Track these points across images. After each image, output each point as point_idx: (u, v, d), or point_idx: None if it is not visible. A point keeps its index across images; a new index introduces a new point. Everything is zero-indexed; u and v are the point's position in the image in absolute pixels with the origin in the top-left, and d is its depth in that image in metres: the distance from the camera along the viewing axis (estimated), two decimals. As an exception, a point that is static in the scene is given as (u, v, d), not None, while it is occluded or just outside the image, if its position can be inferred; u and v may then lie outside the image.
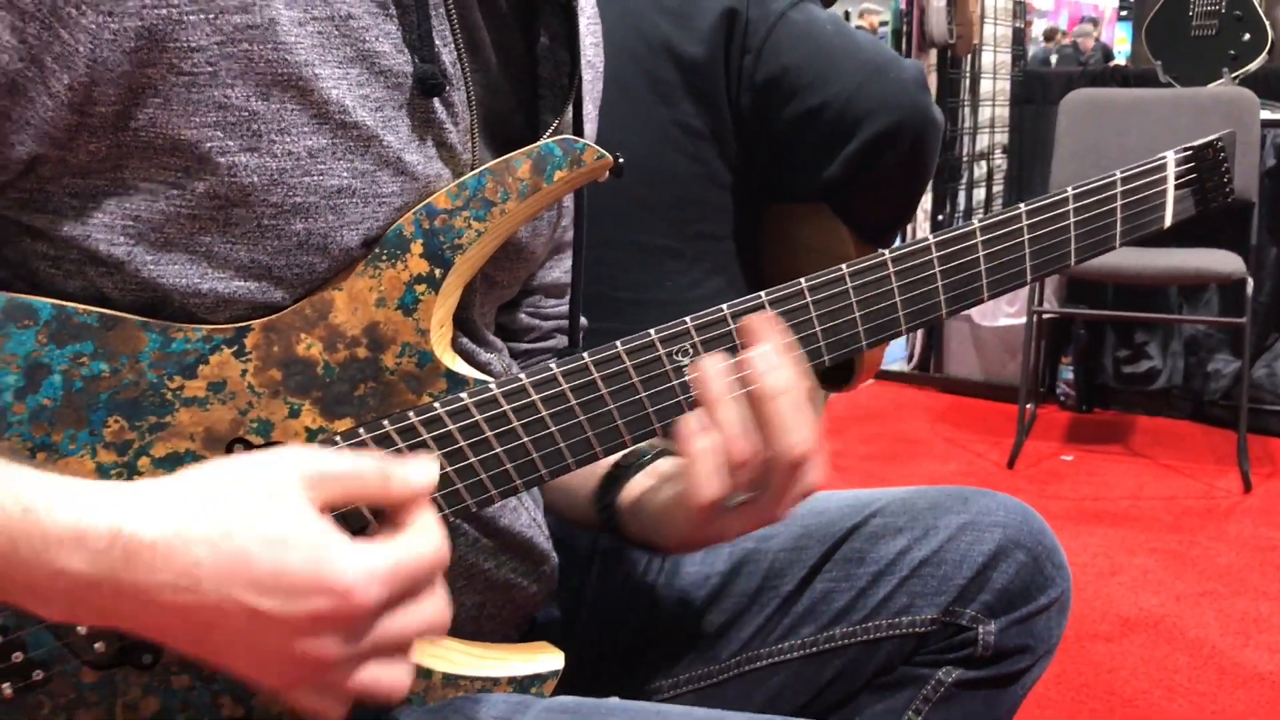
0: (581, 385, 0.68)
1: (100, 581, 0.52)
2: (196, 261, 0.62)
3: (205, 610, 0.52)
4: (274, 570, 0.52)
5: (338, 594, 0.53)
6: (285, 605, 0.52)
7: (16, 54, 0.56)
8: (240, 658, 0.55)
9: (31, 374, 0.61)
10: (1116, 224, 0.78)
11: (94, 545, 0.52)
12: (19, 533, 0.53)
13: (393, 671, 0.57)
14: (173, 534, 0.53)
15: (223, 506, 0.54)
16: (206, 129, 0.59)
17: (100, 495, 0.54)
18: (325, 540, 0.54)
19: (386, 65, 0.65)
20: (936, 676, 0.92)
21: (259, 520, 0.53)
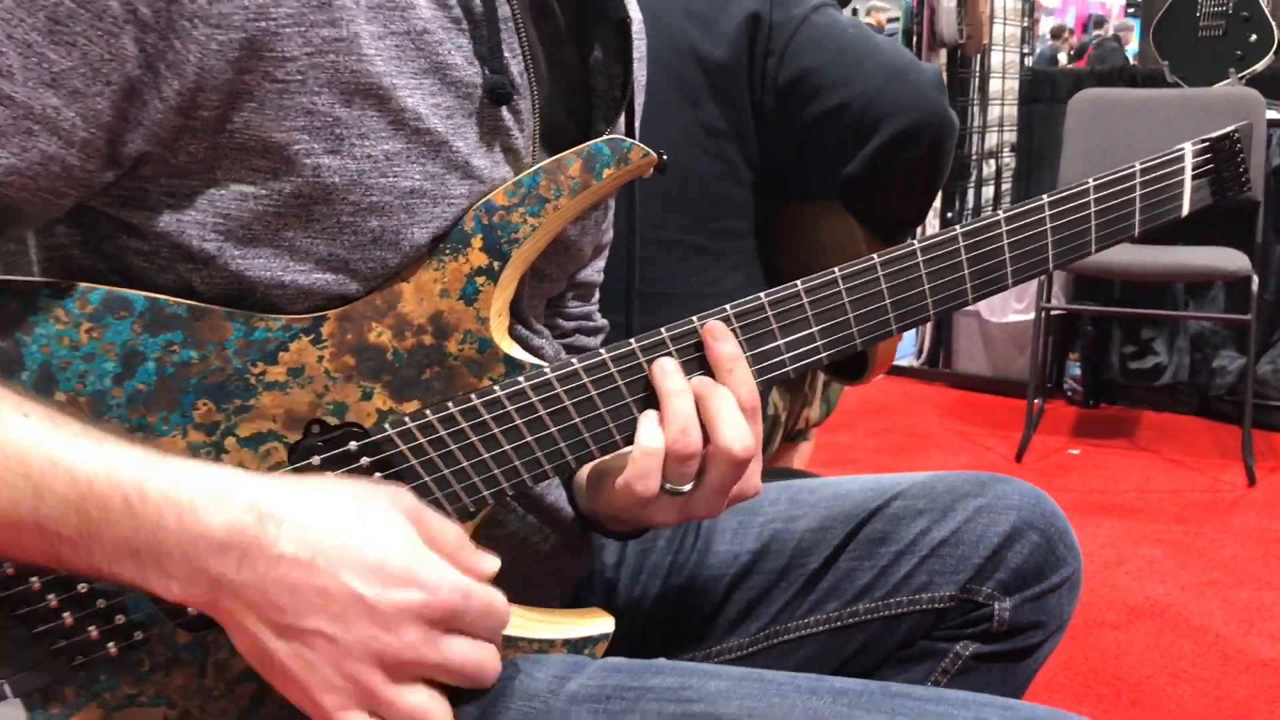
0: (628, 369, 0.73)
1: (231, 544, 0.60)
2: (280, 255, 0.68)
3: (313, 587, 0.60)
4: (379, 561, 0.61)
5: (427, 590, 0.61)
6: (382, 593, 0.60)
7: (137, 62, 0.61)
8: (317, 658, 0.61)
9: (128, 361, 0.67)
10: (1136, 213, 0.81)
11: (233, 507, 0.60)
12: (170, 499, 0.60)
13: (438, 705, 0.63)
14: (303, 513, 0.61)
15: (344, 504, 0.63)
16: (294, 132, 0.65)
17: (239, 474, 0.63)
18: (420, 548, 0.63)
19: (458, 76, 0.70)
20: (954, 650, 0.97)
21: (374, 522, 0.62)
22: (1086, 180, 0.79)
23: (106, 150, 0.63)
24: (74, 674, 0.68)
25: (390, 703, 0.61)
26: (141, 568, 0.61)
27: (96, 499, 0.60)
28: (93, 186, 0.65)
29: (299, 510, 0.61)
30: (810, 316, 0.75)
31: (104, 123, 0.62)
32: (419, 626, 0.61)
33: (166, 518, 0.59)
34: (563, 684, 0.71)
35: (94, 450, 0.61)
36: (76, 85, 0.60)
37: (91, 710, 0.69)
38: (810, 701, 0.66)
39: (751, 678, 0.70)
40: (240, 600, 0.61)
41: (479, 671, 0.64)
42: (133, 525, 0.60)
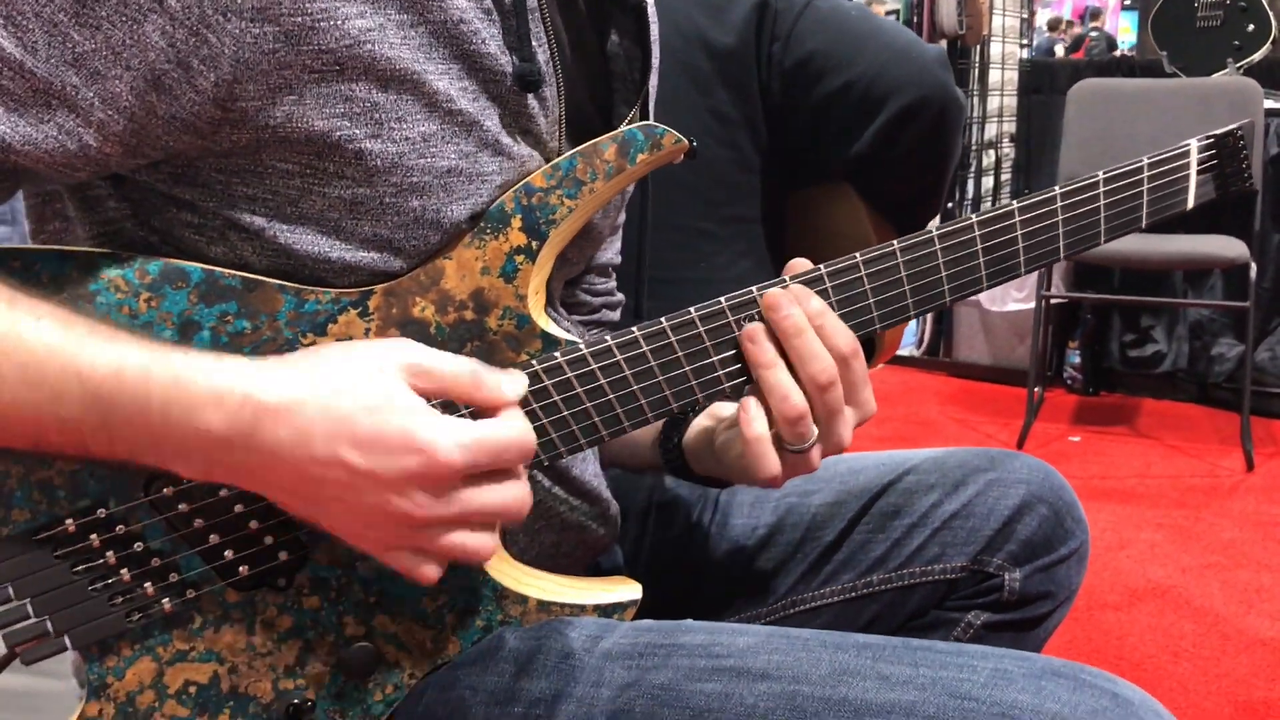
0: (660, 347, 0.76)
1: (233, 439, 0.63)
2: (326, 234, 0.71)
3: (316, 466, 0.63)
4: (372, 431, 0.63)
5: (425, 454, 0.63)
6: (381, 463, 0.63)
7: (163, 55, 0.64)
8: (343, 517, 0.66)
9: (184, 329, 0.70)
10: (1143, 206, 0.84)
11: (229, 406, 0.63)
12: (171, 398, 0.63)
13: (478, 538, 0.67)
14: (291, 399, 0.64)
15: (333, 379, 0.65)
16: (335, 120, 0.68)
17: (235, 367, 0.65)
18: (417, 410, 0.65)
19: (487, 65, 0.73)
20: (966, 619, 1.00)
21: (363, 391, 0.64)
22: (1097, 173, 0.82)
23: (129, 139, 0.66)
24: (130, 629, 0.71)
25: (425, 548, 0.66)
26: (163, 457, 0.65)
27: (107, 398, 0.63)
28: (108, 167, 0.68)
29: (292, 394, 0.63)
30: (834, 301, 0.78)
31: (123, 107, 0.64)
32: (426, 488, 0.64)
33: (172, 415, 0.63)
34: (597, 642, 0.74)
35: (101, 350, 0.64)
36: (97, 66, 0.63)
37: (145, 664, 0.72)
38: (836, 655, 0.69)
39: (779, 634, 0.73)
40: (260, 480, 0.65)
41: (504, 509, 0.67)
42: (146, 421, 0.63)
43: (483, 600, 0.77)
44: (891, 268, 0.79)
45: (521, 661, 0.74)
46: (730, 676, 0.70)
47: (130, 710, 0.72)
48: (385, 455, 0.63)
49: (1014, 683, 0.65)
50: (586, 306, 1.01)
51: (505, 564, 0.79)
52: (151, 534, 0.70)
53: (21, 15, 0.62)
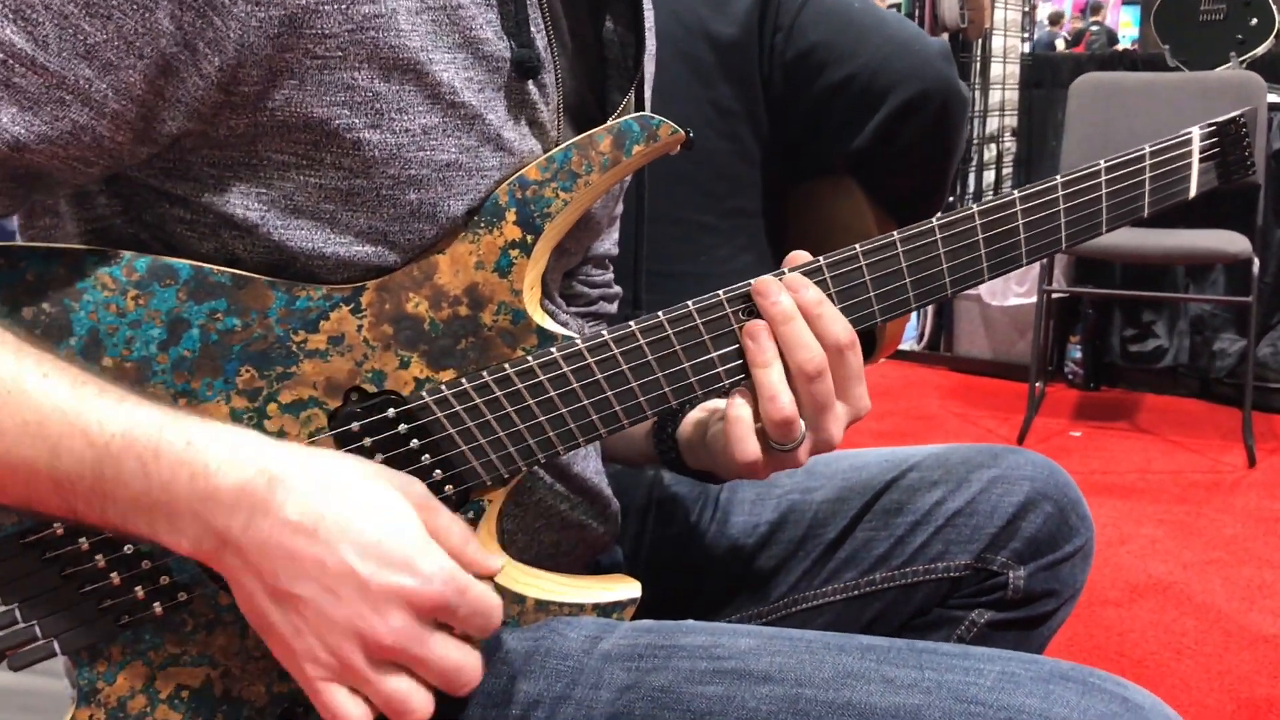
0: (658, 341, 0.75)
1: (240, 506, 0.61)
2: (321, 227, 0.69)
3: (311, 555, 0.61)
4: (379, 541, 0.61)
5: (421, 577, 0.61)
6: (376, 573, 0.61)
7: (173, 39, 0.62)
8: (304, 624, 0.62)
9: (173, 328, 0.68)
10: (1145, 194, 0.82)
11: (245, 470, 0.61)
12: (183, 461, 0.61)
13: (419, 695, 0.63)
14: (312, 483, 0.62)
15: (354, 482, 0.63)
16: (335, 108, 0.66)
17: (252, 437, 0.64)
18: (425, 537, 0.63)
19: (489, 51, 0.71)
20: (970, 618, 0.99)
21: (381, 504, 0.63)
22: (1098, 161, 0.81)
23: (139, 125, 0.65)
24: (120, 633, 0.70)
25: (370, 682, 0.62)
26: (153, 524, 0.63)
27: (112, 459, 0.61)
28: (121, 158, 0.67)
29: (309, 479, 0.62)
30: (834, 293, 0.77)
31: (136, 96, 0.63)
32: (406, 613, 0.61)
33: (180, 477, 0.61)
34: (596, 643, 0.73)
35: (111, 410, 0.62)
36: (110, 58, 0.62)
37: (136, 668, 0.71)
38: (840, 658, 0.68)
39: (781, 636, 0.72)
40: (242, 559, 0.62)
41: (457, 674, 0.63)
42: (145, 484, 0.61)
43: (479, 601, 0.76)
44: (891, 258, 0.78)
45: (519, 663, 0.73)
46: (731, 679, 0.68)
47: (121, 716, 0.71)
48: (382, 566, 0.61)
49: (1021, 686, 0.64)
50: (583, 298, 1.00)
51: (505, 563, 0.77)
52: None
53: (31, 9, 0.60)
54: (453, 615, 0.63)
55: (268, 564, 0.61)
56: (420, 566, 0.61)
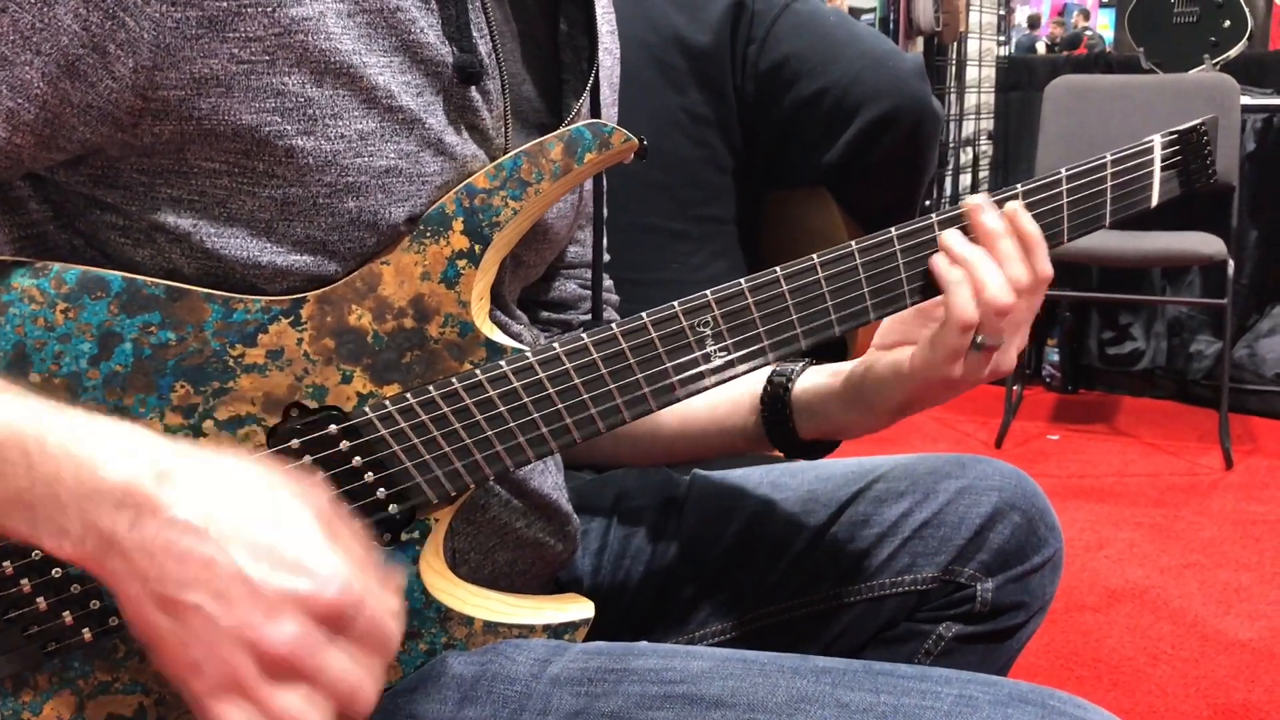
0: (611, 354, 0.73)
1: (126, 503, 0.56)
2: (257, 236, 0.67)
3: (200, 557, 0.56)
4: (273, 544, 0.57)
5: (317, 580, 0.56)
6: (269, 575, 0.56)
7: (77, 39, 0.60)
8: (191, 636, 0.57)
9: (105, 342, 0.66)
10: (1107, 204, 0.82)
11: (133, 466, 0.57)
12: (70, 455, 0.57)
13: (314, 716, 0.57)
14: (205, 481, 0.57)
15: (253, 484, 0.59)
16: (265, 114, 0.64)
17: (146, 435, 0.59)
18: (321, 540, 0.58)
19: (428, 55, 0.69)
20: (938, 631, 0.97)
21: (277, 507, 0.58)
22: (1059, 170, 0.80)
23: (41, 129, 0.62)
24: (47, 660, 0.67)
25: (261, 700, 0.56)
26: (33, 522, 0.58)
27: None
28: (21, 160, 0.64)
29: (201, 477, 0.58)
30: (790, 305, 0.75)
31: (34, 95, 0.61)
32: (300, 620, 0.56)
33: (64, 471, 0.57)
34: (544, 667, 0.71)
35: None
36: (4, 52, 0.60)
37: (65, 697, 0.68)
38: (794, 681, 0.66)
39: (735, 658, 0.70)
40: (127, 562, 0.57)
41: (352, 695, 0.58)
42: (29, 478, 0.57)
43: (426, 623, 0.73)
44: (850, 270, 0.76)
45: (465, 688, 0.71)
46: (683, 704, 0.66)
47: (50, 746, 0.69)
48: (276, 568, 0.56)
49: (979, 710, 0.62)
50: (588, 303, 0.99)
51: (450, 584, 0.75)
52: None
53: None
54: (348, 626, 0.58)
55: (154, 567, 0.57)
56: (316, 569, 0.57)
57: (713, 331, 0.74)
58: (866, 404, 0.86)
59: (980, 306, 0.76)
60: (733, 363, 0.75)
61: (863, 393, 0.86)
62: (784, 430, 0.91)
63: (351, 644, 0.58)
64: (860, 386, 0.86)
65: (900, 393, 0.83)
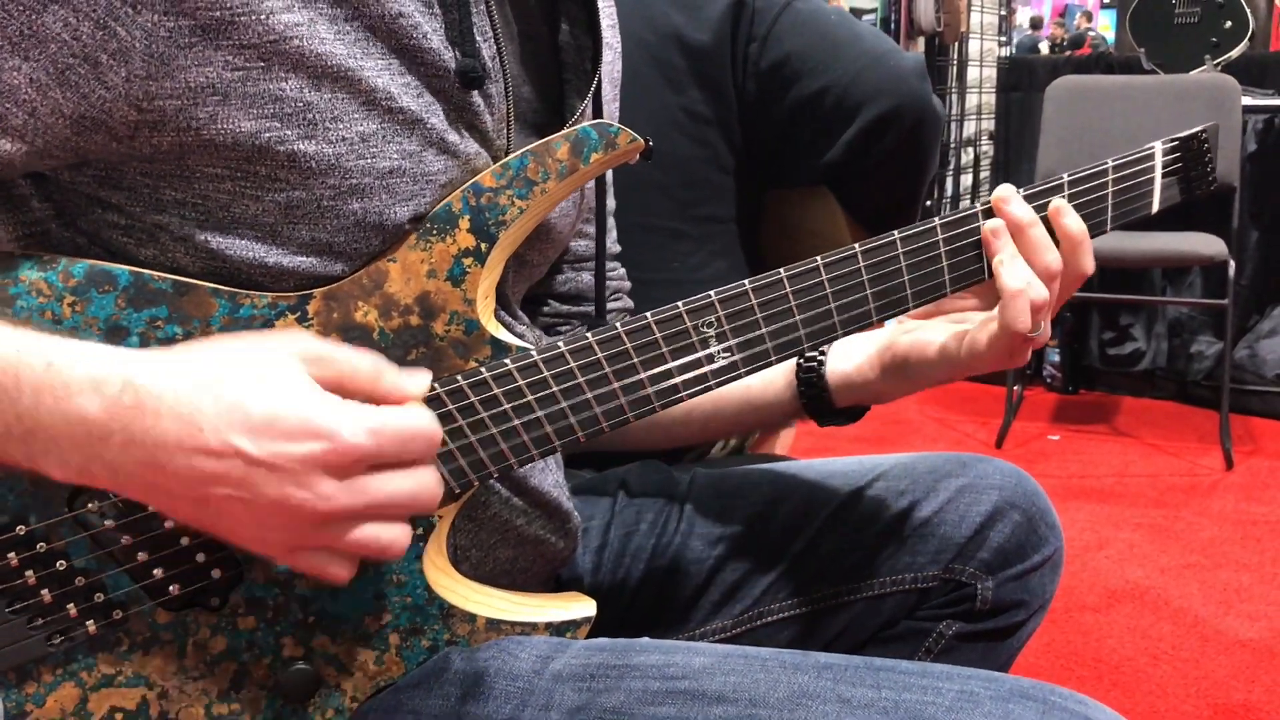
0: (615, 354, 0.73)
1: (112, 428, 0.57)
2: (261, 239, 0.67)
3: (206, 457, 0.57)
4: (268, 415, 0.57)
5: (326, 436, 0.58)
6: (279, 449, 0.57)
7: (67, 48, 0.60)
8: (239, 518, 0.59)
9: (112, 335, 0.66)
10: (1108, 209, 0.83)
11: (108, 391, 0.58)
12: (43, 385, 0.58)
13: (390, 531, 0.62)
14: (179, 384, 0.58)
15: (225, 365, 0.60)
16: (265, 120, 0.64)
17: (114, 353, 0.60)
18: (316, 394, 0.59)
19: (429, 60, 0.69)
20: (938, 629, 0.97)
21: (257, 376, 0.59)
22: (1061, 175, 0.81)
23: (29, 135, 0.62)
24: (50, 653, 0.68)
25: (331, 544, 0.59)
26: (30, 452, 0.59)
27: None
28: (13, 165, 0.64)
29: (177, 381, 0.58)
30: (794, 306, 0.76)
31: (21, 100, 0.61)
32: (329, 477, 0.58)
33: (44, 402, 0.58)
34: (547, 663, 0.71)
35: None
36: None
37: (68, 690, 0.69)
38: (795, 677, 0.66)
39: (736, 654, 0.70)
40: (140, 482, 0.58)
41: (414, 500, 0.61)
42: (15, 410, 0.58)
43: (429, 619, 0.74)
44: (853, 271, 0.77)
45: (468, 684, 0.71)
46: (685, 699, 0.66)
47: (53, 739, 0.69)
48: (284, 441, 0.57)
49: (980, 705, 0.63)
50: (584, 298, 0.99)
51: (453, 581, 0.75)
52: (75, 551, 0.66)
53: None
54: (379, 457, 0.60)
55: (166, 479, 0.58)
56: (322, 425, 0.57)
57: (716, 332, 0.75)
58: (910, 379, 0.89)
59: None
60: (736, 364, 0.76)
61: (907, 369, 0.88)
62: (819, 403, 0.94)
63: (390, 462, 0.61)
64: (904, 363, 0.89)
65: (946, 373, 0.86)
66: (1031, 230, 0.79)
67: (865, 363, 0.91)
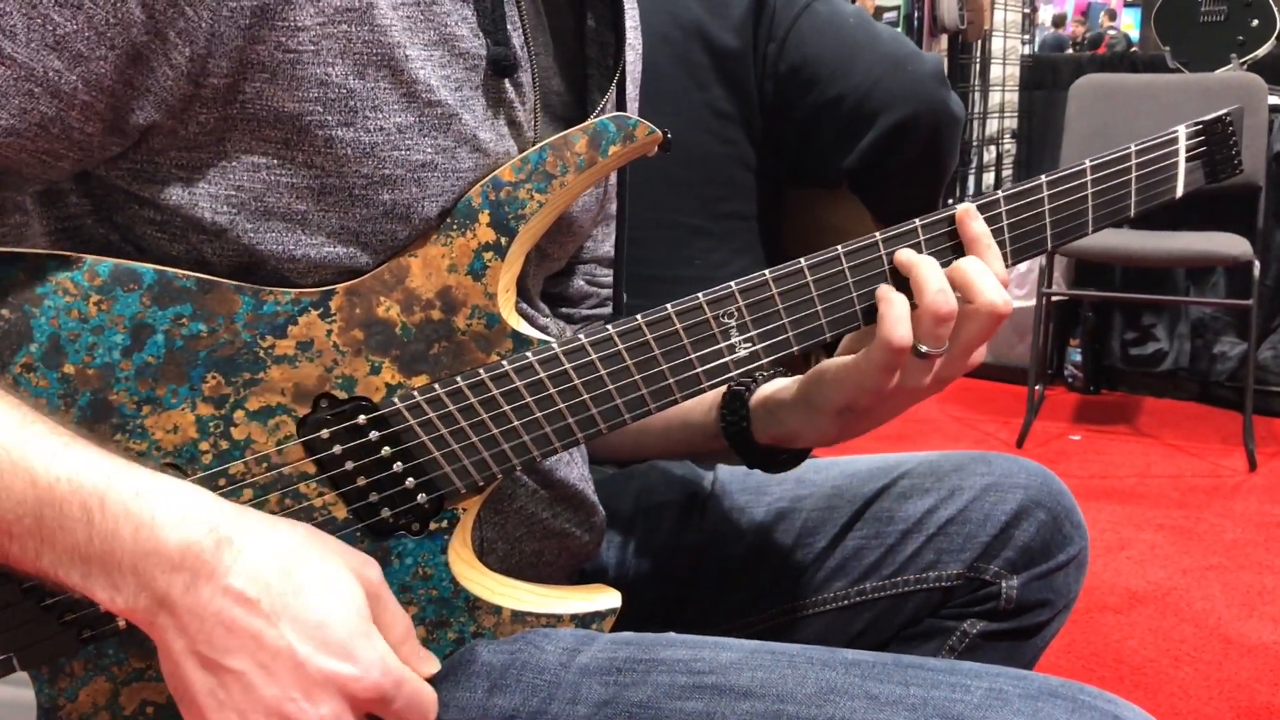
0: (636, 345, 0.73)
1: (183, 566, 0.58)
2: (292, 229, 0.67)
3: (250, 628, 0.59)
4: (321, 622, 0.60)
5: (360, 665, 0.60)
6: (314, 655, 0.59)
7: (144, 28, 0.61)
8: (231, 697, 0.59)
9: (137, 333, 0.66)
10: (1131, 194, 0.82)
11: (192, 530, 0.59)
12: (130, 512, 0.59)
13: None
14: (261, 550, 0.60)
15: (307, 556, 0.62)
16: (308, 103, 0.65)
17: (205, 495, 0.62)
18: (368, 624, 0.62)
19: (465, 48, 0.70)
20: (961, 628, 0.97)
21: (329, 583, 0.61)
22: (1083, 161, 0.80)
23: (109, 116, 0.63)
24: (82, 648, 0.68)
25: None
26: (88, 577, 0.60)
27: (55, 503, 0.59)
28: (91, 151, 0.65)
29: (258, 546, 0.60)
30: (815, 295, 0.75)
31: (106, 87, 0.62)
32: (339, 702, 0.60)
33: (123, 530, 0.59)
34: (573, 656, 0.71)
35: (59, 453, 0.60)
36: (80, 49, 0.60)
37: (99, 684, 0.69)
38: (824, 673, 0.66)
39: (763, 650, 0.70)
40: (176, 623, 0.59)
41: None
42: (87, 534, 0.59)
43: (455, 612, 0.74)
44: (874, 260, 0.76)
45: (494, 676, 0.71)
46: (712, 694, 0.66)
47: (82, 731, 0.69)
48: (321, 649, 0.59)
49: (1009, 704, 0.62)
50: (594, 298, 0.99)
51: (478, 573, 0.75)
52: None
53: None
54: (386, 707, 0.62)
55: (203, 630, 0.59)
56: (360, 654, 0.60)
57: (737, 322, 0.75)
58: (811, 405, 0.84)
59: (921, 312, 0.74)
60: (757, 353, 0.75)
61: (809, 395, 0.84)
62: (740, 431, 0.89)
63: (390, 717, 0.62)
64: (807, 388, 0.84)
65: (839, 396, 0.80)
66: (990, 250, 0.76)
67: (782, 390, 0.87)
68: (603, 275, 0.99)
